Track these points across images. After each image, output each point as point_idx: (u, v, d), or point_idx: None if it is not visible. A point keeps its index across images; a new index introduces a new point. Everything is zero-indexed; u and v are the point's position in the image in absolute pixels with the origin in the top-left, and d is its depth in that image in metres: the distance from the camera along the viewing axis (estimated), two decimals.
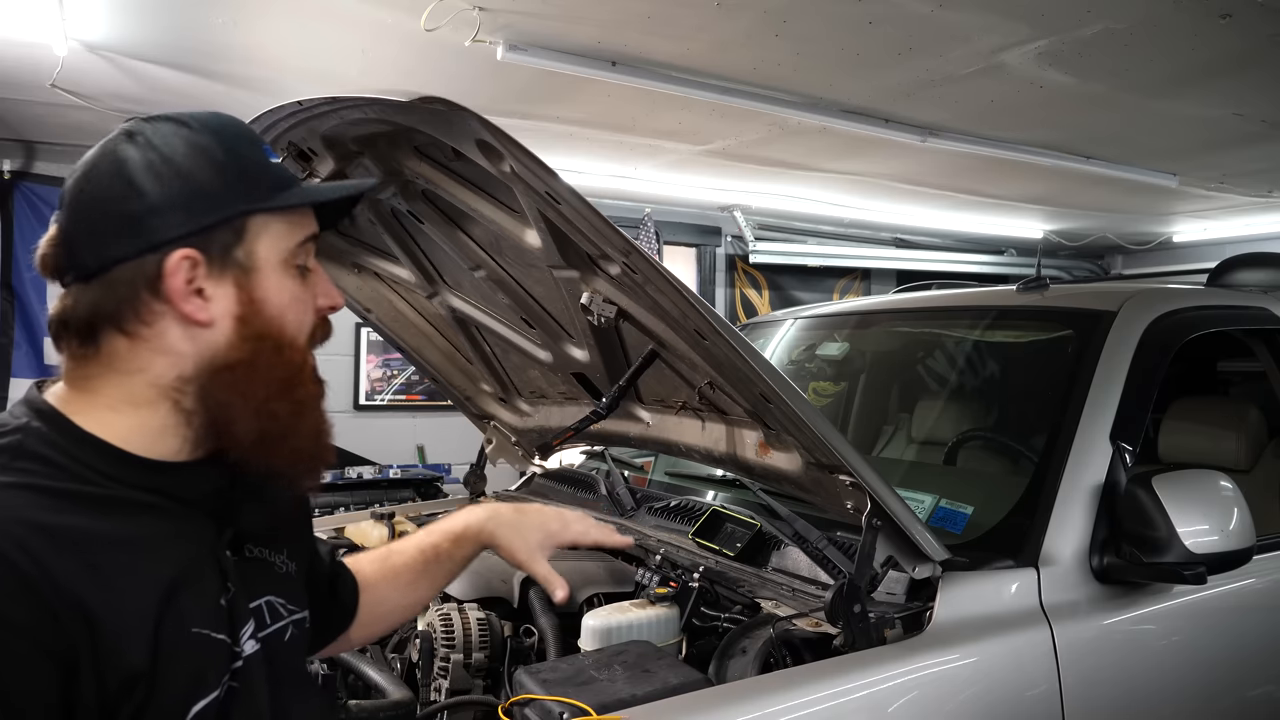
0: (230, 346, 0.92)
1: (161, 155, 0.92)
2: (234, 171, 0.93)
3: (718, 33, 3.20)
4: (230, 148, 0.95)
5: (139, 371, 0.90)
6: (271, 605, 1.01)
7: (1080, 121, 4.31)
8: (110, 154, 0.93)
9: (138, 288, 0.89)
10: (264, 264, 0.94)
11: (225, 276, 0.92)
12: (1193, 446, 2.50)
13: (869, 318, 2.86)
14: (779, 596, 1.67)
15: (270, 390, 0.93)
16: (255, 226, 0.94)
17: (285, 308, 0.96)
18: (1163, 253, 8.34)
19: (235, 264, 0.92)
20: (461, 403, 2.56)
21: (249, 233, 0.93)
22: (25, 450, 0.85)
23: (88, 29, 3.17)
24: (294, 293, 0.97)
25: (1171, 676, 1.71)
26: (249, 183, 0.94)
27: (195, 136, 0.94)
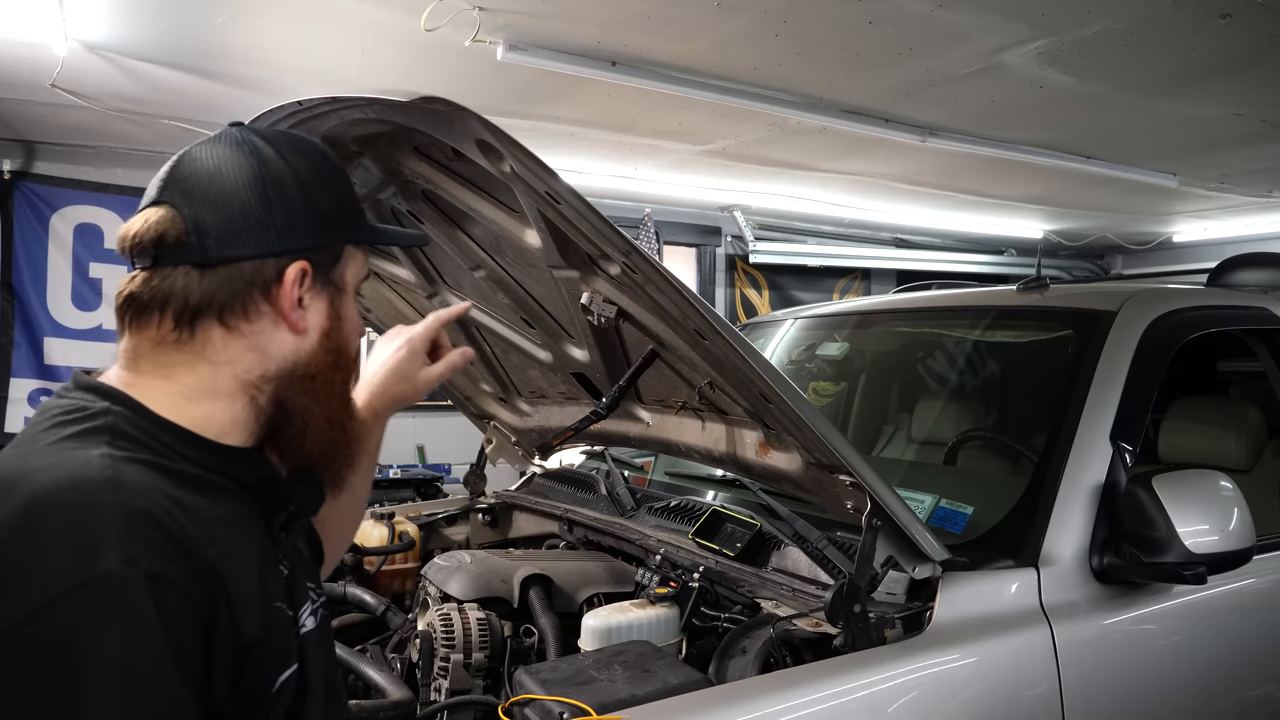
0: (313, 355, 0.99)
1: (296, 171, 0.98)
2: (346, 200, 1.04)
3: (718, 33, 3.20)
4: (344, 178, 1.06)
5: (228, 364, 0.94)
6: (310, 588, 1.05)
7: (1080, 121, 4.31)
8: (242, 155, 0.98)
9: (253, 286, 0.95)
10: (348, 287, 1.04)
11: (323, 293, 1.00)
12: (1193, 446, 2.50)
13: (869, 318, 2.85)
14: (779, 596, 1.67)
15: (338, 401, 1.02)
16: (349, 253, 1.03)
17: (353, 329, 1.05)
18: (1163, 253, 8.34)
19: (332, 283, 1.01)
20: (461, 403, 2.56)
21: (344, 258, 1.02)
22: (122, 431, 0.87)
23: (88, 29, 3.17)
24: (357, 317, 1.07)
25: (1171, 676, 1.71)
26: (353, 213, 1.04)
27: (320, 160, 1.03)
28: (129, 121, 4.33)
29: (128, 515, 0.79)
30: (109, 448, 0.84)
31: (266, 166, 0.97)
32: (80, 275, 4.98)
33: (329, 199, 1.01)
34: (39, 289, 4.91)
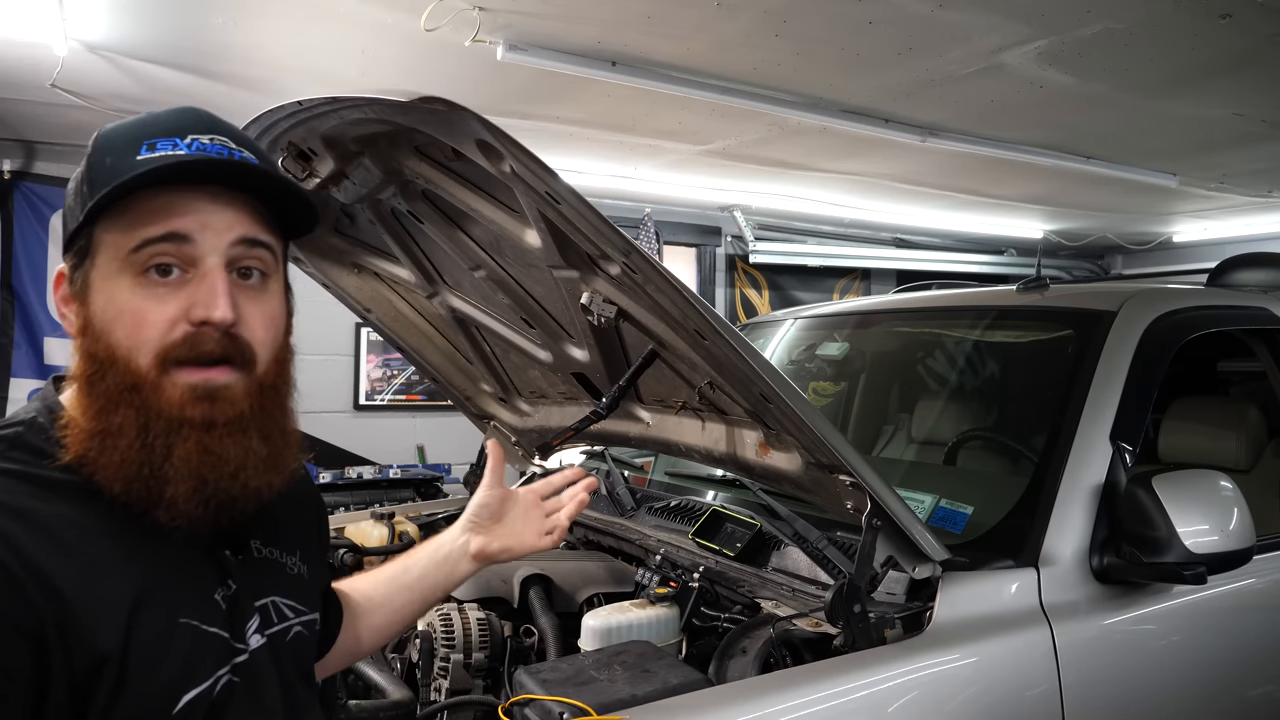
0: (76, 363, 0.91)
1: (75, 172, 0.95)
2: (87, 184, 0.90)
3: (718, 33, 3.19)
4: (100, 155, 0.91)
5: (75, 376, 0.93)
6: (277, 605, 1.01)
7: (1080, 121, 4.31)
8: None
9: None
10: (100, 278, 0.89)
11: (75, 294, 0.92)
12: (1193, 446, 2.50)
13: (869, 318, 2.85)
14: (779, 596, 1.67)
15: (94, 409, 0.88)
16: (98, 238, 0.90)
17: (112, 323, 0.88)
18: (1163, 253, 8.34)
19: (80, 281, 0.91)
20: (461, 403, 2.56)
21: (93, 249, 0.90)
22: (22, 441, 0.89)
23: (88, 29, 3.16)
24: (123, 306, 0.88)
25: (1171, 676, 1.71)
26: (91, 194, 0.89)
27: (90, 147, 0.93)
28: None
29: None
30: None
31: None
32: None
33: (72, 193, 0.93)
34: (39, 289, 4.91)
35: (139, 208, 0.88)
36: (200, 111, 0.96)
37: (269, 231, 0.96)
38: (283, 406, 0.98)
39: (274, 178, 0.95)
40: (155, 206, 0.88)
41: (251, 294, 0.94)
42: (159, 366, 0.88)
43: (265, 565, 1.02)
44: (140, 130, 0.92)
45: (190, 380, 0.89)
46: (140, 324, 0.88)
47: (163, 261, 0.88)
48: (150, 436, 0.87)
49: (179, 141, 0.90)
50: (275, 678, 0.97)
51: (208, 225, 0.90)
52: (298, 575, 1.06)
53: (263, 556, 1.02)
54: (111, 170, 0.89)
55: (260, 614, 0.98)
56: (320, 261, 2.09)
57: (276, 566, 1.04)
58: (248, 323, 0.92)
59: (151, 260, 0.88)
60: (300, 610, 1.04)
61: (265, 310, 0.95)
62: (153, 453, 0.87)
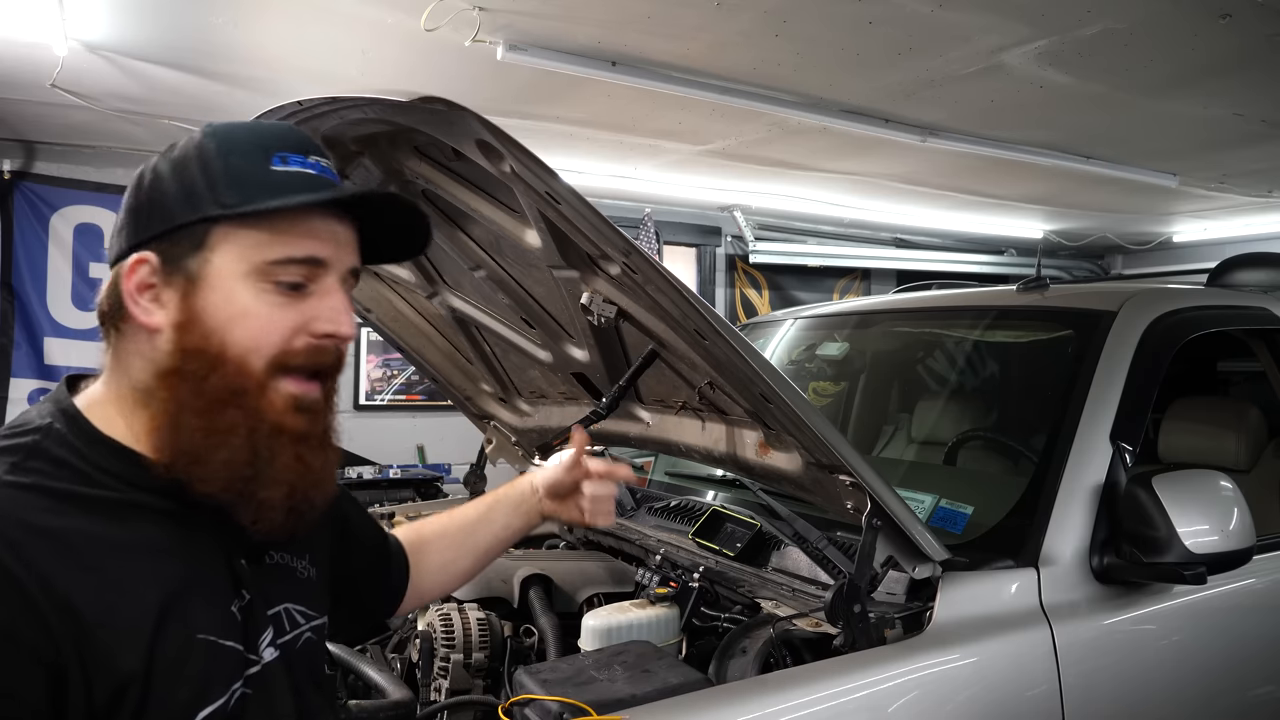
0: (165, 356, 0.89)
1: (167, 161, 0.94)
2: (212, 179, 0.90)
3: (718, 33, 3.19)
4: (224, 154, 0.91)
5: (124, 371, 0.92)
6: (289, 612, 1.00)
7: (1080, 121, 4.31)
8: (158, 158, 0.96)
9: (118, 285, 0.91)
10: (217, 275, 0.89)
11: (175, 282, 0.90)
12: (1193, 446, 2.49)
13: (869, 318, 2.85)
14: (779, 596, 1.67)
15: (192, 406, 0.88)
16: (217, 236, 0.90)
17: (229, 322, 0.89)
18: (1163, 253, 8.34)
19: (185, 273, 0.90)
20: (461, 403, 2.56)
21: (209, 242, 0.90)
22: (39, 451, 0.85)
23: (88, 29, 3.16)
24: (248, 308, 0.90)
25: (1171, 676, 1.71)
26: (223, 191, 0.90)
27: (202, 142, 0.93)
28: (129, 121, 4.33)
29: None
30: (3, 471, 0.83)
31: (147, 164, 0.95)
32: (80, 275, 4.98)
33: (179, 181, 0.91)
34: (39, 289, 4.91)
35: (282, 224, 0.91)
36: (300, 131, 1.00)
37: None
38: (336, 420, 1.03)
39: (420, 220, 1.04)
40: (300, 228, 0.92)
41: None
42: (269, 372, 0.90)
43: (277, 571, 1.01)
44: (262, 139, 0.94)
45: (294, 390, 0.92)
46: (264, 328, 0.90)
47: (293, 280, 0.91)
48: (256, 440, 0.90)
49: (305, 160, 0.94)
50: (288, 687, 0.97)
51: (339, 252, 0.95)
52: (308, 579, 1.06)
53: (274, 563, 1.01)
54: (243, 174, 0.91)
55: (273, 624, 0.97)
56: None
57: (287, 571, 1.03)
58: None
59: (284, 275, 0.91)
60: (311, 615, 1.04)
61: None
62: (257, 456, 0.89)
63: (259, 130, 0.96)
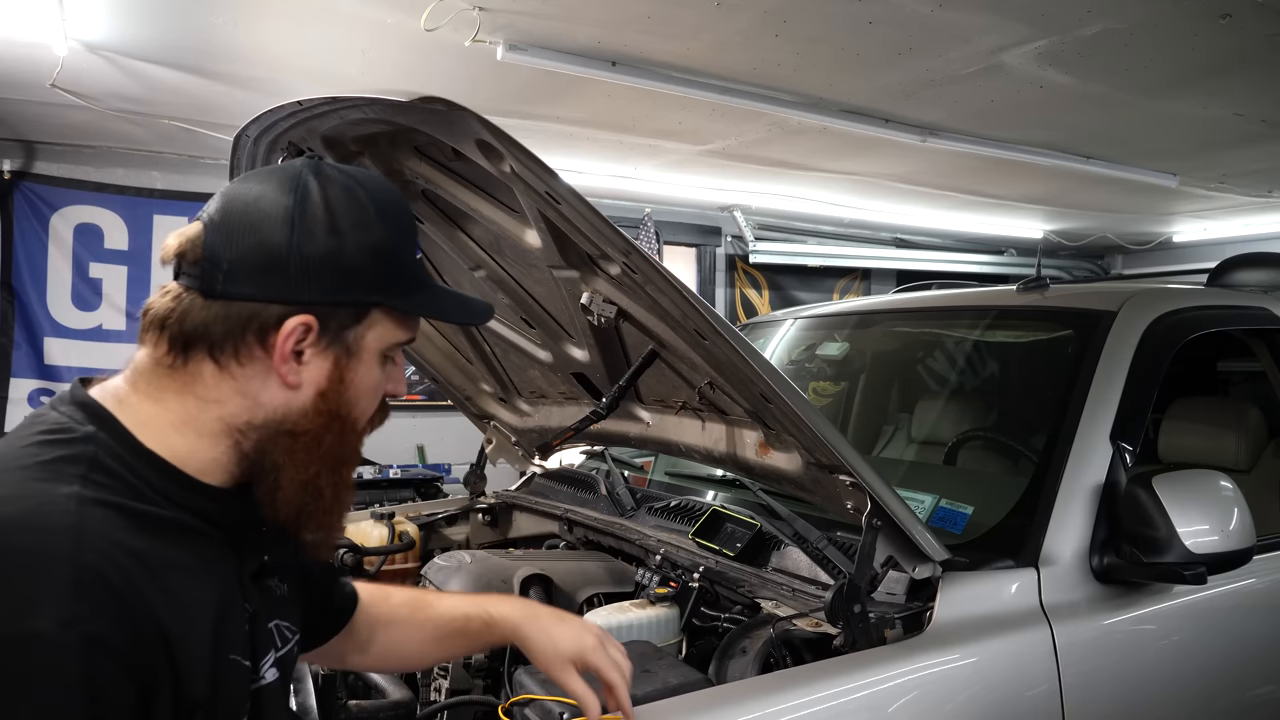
0: (303, 414, 0.92)
1: (332, 216, 0.91)
2: (385, 261, 0.94)
3: (718, 33, 3.19)
4: (393, 238, 0.96)
5: (215, 403, 0.90)
6: (279, 628, 1.01)
7: (1080, 121, 4.31)
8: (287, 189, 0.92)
9: (248, 329, 0.89)
10: (366, 351, 0.95)
11: (329, 352, 0.93)
12: (1193, 446, 2.49)
13: (869, 318, 2.85)
14: (779, 596, 1.67)
15: (323, 466, 0.94)
16: (375, 316, 0.95)
17: (364, 394, 0.97)
18: (1163, 253, 8.34)
19: (343, 344, 0.93)
20: (461, 403, 2.56)
21: (367, 320, 0.95)
22: (100, 464, 0.83)
23: (88, 29, 3.17)
24: (375, 382, 0.98)
25: (1171, 676, 1.71)
26: (392, 277, 0.95)
27: (369, 213, 0.94)
28: (129, 121, 4.33)
29: (79, 572, 0.75)
30: (80, 485, 0.80)
31: (304, 205, 0.90)
32: (80, 275, 4.97)
33: (362, 253, 0.92)
34: (39, 289, 4.91)
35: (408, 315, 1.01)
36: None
37: None
38: None
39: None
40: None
41: None
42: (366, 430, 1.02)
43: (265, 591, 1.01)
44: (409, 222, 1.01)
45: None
46: (375, 398, 1.00)
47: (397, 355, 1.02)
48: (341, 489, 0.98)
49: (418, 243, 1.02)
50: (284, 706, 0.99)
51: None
52: (282, 596, 1.06)
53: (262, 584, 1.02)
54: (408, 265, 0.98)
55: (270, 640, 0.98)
56: None
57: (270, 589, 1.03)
58: None
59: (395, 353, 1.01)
60: (294, 630, 1.05)
61: None
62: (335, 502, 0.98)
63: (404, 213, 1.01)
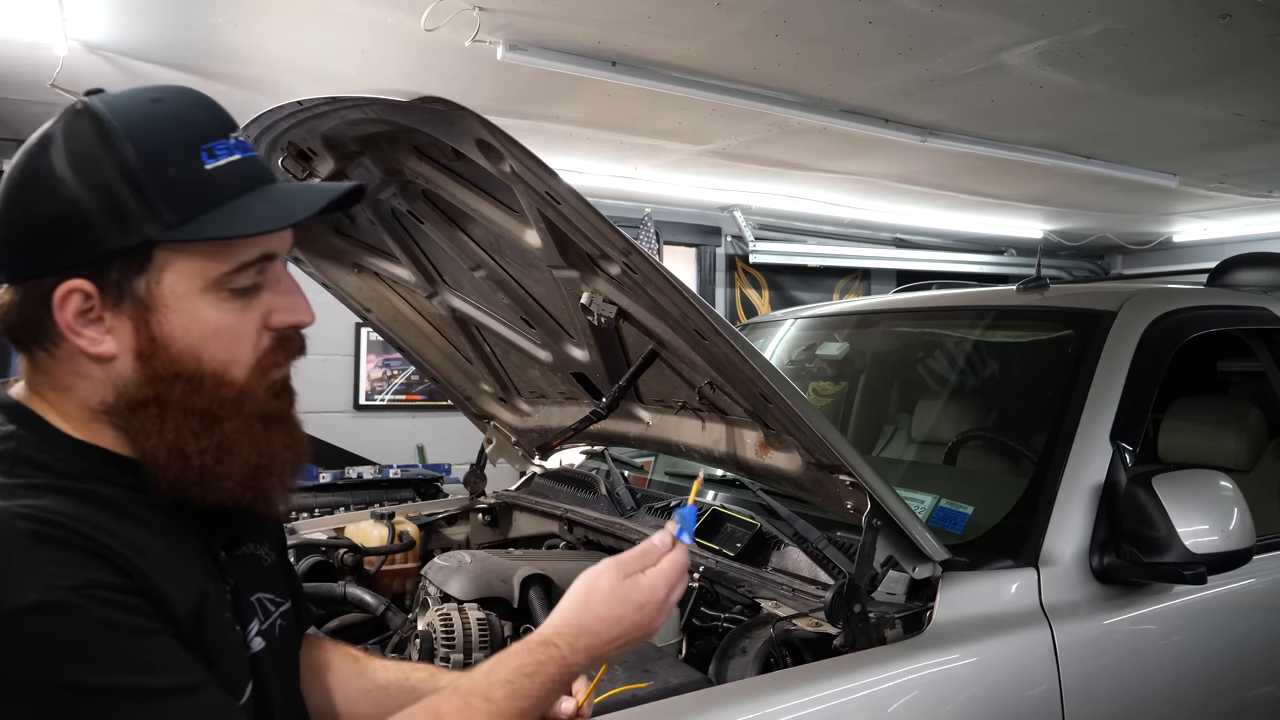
0: (135, 385, 0.84)
1: (71, 161, 0.81)
2: (146, 196, 0.81)
3: (718, 33, 3.19)
4: (151, 156, 0.81)
5: (68, 390, 0.86)
6: (261, 602, 1.00)
7: (1080, 121, 4.31)
8: (32, 144, 0.83)
9: (40, 309, 0.82)
10: (173, 296, 0.83)
11: (124, 310, 0.83)
12: (1193, 446, 2.49)
13: (869, 318, 2.85)
14: (779, 596, 1.67)
15: (187, 429, 0.85)
16: (163, 256, 0.82)
17: (202, 342, 0.85)
18: (1163, 253, 8.33)
19: (134, 299, 0.82)
20: (461, 403, 2.56)
21: (155, 262, 0.82)
22: (22, 457, 0.82)
23: (88, 29, 3.16)
24: (218, 324, 0.85)
25: (1171, 676, 1.71)
26: (164, 210, 0.81)
27: (112, 139, 0.81)
28: None
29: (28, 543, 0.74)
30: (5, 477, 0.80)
31: (38, 159, 0.81)
32: None
33: (98, 196, 0.80)
34: None
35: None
36: (214, 103, 0.92)
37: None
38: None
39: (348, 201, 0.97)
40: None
41: None
42: (257, 374, 0.89)
43: (247, 562, 1.00)
44: (181, 129, 0.85)
45: (276, 377, 0.92)
46: (236, 339, 0.87)
47: (251, 284, 0.88)
48: (256, 438, 0.89)
49: (231, 144, 0.88)
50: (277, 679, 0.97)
51: (285, 242, 0.92)
52: (270, 565, 1.06)
53: (243, 553, 1.01)
54: (182, 185, 0.82)
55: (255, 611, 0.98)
56: (320, 261, 2.09)
57: (255, 560, 1.02)
58: None
59: (241, 280, 0.86)
60: (279, 602, 1.03)
61: None
62: (261, 452, 0.89)
63: (175, 120, 0.85)
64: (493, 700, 0.88)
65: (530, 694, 0.90)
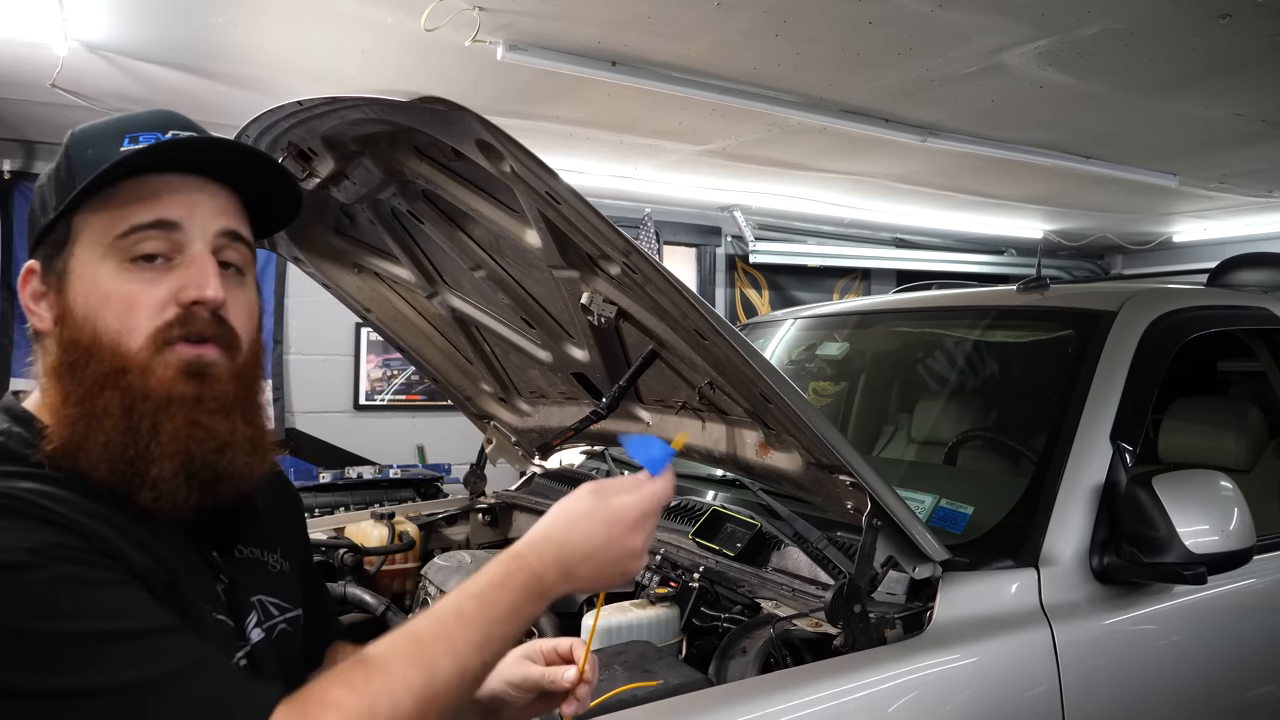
0: (54, 356, 0.90)
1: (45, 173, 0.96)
2: (66, 176, 0.91)
3: (718, 33, 3.19)
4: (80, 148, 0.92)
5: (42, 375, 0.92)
6: (263, 604, 1.01)
7: (1080, 121, 4.31)
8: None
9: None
10: (81, 265, 0.89)
11: (51, 284, 0.91)
12: (1193, 446, 2.50)
13: (869, 318, 2.85)
14: (779, 596, 1.67)
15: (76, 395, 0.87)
16: (76, 227, 0.90)
17: (98, 309, 0.88)
18: (1163, 253, 8.33)
19: (56, 271, 0.90)
20: (461, 403, 2.56)
21: (72, 238, 0.90)
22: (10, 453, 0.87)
23: (88, 29, 3.16)
24: (111, 290, 0.88)
25: (1171, 676, 1.71)
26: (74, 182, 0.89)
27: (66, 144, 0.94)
28: None
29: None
30: None
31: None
32: None
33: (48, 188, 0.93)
34: None
35: (126, 194, 0.89)
36: (176, 113, 0.98)
37: (248, 228, 0.98)
38: (257, 397, 0.99)
39: (260, 156, 0.98)
40: (143, 193, 0.89)
41: (233, 284, 0.95)
42: (151, 348, 0.88)
43: (248, 565, 1.01)
44: (120, 125, 0.93)
45: (184, 356, 0.89)
46: (131, 307, 0.88)
47: (150, 250, 0.89)
48: (136, 417, 0.87)
49: (161, 135, 0.92)
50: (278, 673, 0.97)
51: (195, 213, 0.91)
52: (280, 572, 1.06)
53: (244, 556, 1.02)
54: (94, 161, 0.89)
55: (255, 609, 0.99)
56: (320, 261, 2.09)
57: (259, 565, 1.03)
58: (231, 309, 0.94)
59: (138, 246, 0.89)
60: (285, 607, 1.04)
61: (246, 300, 0.97)
62: (138, 433, 0.87)
63: (119, 120, 0.94)
64: (464, 614, 0.88)
65: (501, 603, 0.90)
